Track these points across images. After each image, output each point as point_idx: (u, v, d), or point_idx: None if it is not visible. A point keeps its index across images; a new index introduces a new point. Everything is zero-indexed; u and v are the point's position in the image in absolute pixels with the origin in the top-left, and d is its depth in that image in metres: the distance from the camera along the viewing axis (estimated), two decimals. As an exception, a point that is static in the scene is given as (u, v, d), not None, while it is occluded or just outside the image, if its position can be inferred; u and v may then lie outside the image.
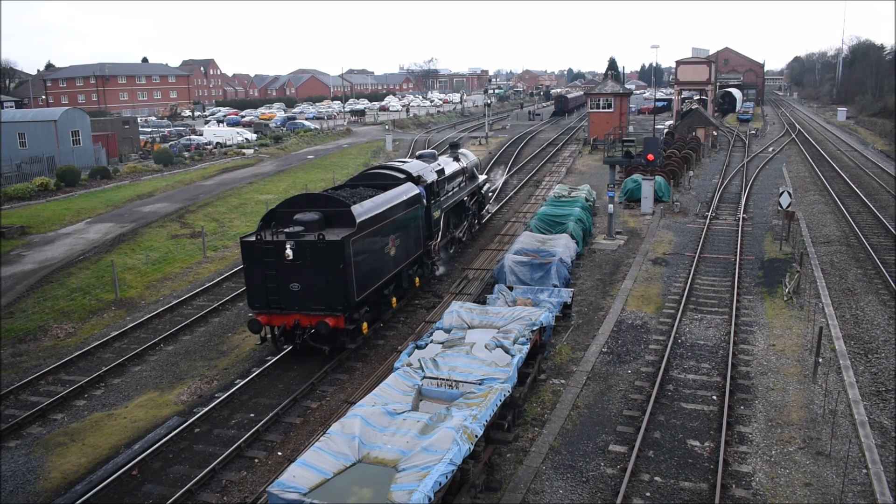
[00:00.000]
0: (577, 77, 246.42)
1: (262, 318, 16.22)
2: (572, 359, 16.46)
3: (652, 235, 27.77)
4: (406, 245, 19.30)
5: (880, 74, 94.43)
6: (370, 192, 18.74)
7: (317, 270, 15.50)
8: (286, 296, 15.87)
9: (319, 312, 15.76)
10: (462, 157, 27.13)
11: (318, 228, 16.11)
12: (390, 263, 18.18)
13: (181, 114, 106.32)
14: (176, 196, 37.98)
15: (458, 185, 25.77)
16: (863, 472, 11.72)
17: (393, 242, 18.20)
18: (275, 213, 17.11)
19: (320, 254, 15.39)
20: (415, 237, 20.04)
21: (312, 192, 18.81)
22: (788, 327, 18.11)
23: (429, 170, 22.34)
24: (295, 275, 15.66)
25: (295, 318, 15.99)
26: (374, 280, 17.11)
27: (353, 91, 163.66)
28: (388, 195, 18.67)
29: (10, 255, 26.52)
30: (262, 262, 15.77)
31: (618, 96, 57.21)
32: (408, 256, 19.49)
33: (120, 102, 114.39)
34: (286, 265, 15.57)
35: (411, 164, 22.13)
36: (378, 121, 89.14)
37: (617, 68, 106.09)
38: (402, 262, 19.01)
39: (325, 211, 16.68)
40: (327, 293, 15.61)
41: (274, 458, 12.83)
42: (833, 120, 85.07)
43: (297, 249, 15.42)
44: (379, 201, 17.89)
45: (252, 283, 16.16)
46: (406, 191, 19.66)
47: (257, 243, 15.77)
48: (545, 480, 11.77)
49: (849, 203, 33.25)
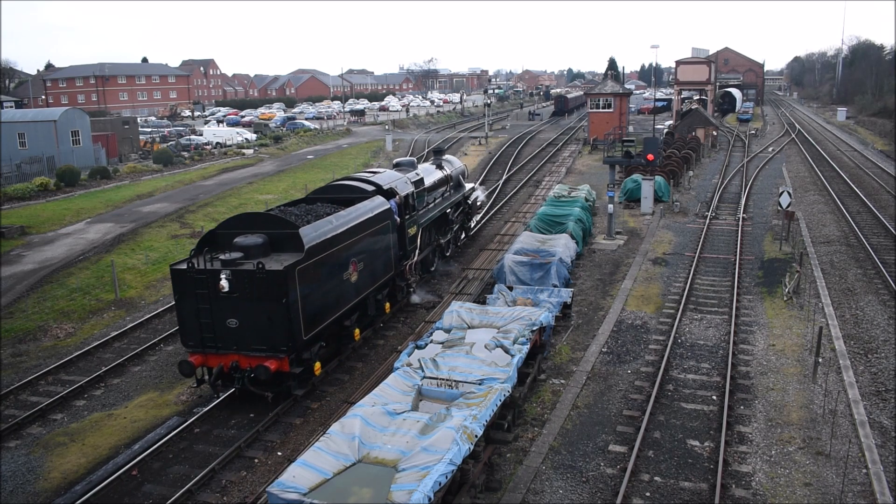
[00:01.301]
0: (576, 77, 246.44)
1: (197, 358, 14.01)
2: (572, 359, 16.47)
3: (652, 235, 27.77)
4: (372, 268, 17.16)
5: (880, 74, 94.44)
6: (328, 210, 16.62)
7: (256, 305, 13.34)
8: (223, 333, 13.71)
9: (261, 353, 13.65)
10: (446, 165, 24.94)
11: (261, 254, 13.93)
12: (351, 291, 15.99)
13: (181, 114, 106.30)
14: (176, 196, 37.97)
15: (442, 196, 23.77)
16: (863, 472, 11.72)
17: (354, 267, 16.08)
18: (214, 235, 14.84)
19: (260, 286, 13.20)
20: (384, 258, 17.93)
21: (257, 212, 16.13)
22: (788, 327, 18.12)
23: (403, 181, 20.12)
24: (232, 309, 13.49)
25: (233, 359, 13.78)
26: (329, 313, 14.97)
27: (352, 91, 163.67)
28: (351, 212, 16.44)
29: (9, 255, 26.51)
30: (194, 295, 13.65)
31: (617, 96, 57.21)
32: (374, 281, 17.34)
33: (120, 102, 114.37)
34: (222, 298, 13.41)
35: (382, 176, 19.95)
36: (378, 121, 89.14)
37: (617, 68, 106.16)
38: (366, 288, 16.86)
39: (271, 234, 14.40)
40: (269, 331, 13.46)
41: (274, 458, 12.84)
42: (833, 120, 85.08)
43: (234, 280, 13.25)
44: (337, 220, 15.63)
45: (184, 318, 13.99)
46: (373, 206, 17.53)
47: (189, 272, 13.63)
48: (545, 480, 11.77)
49: (849, 203, 33.25)
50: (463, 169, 26.75)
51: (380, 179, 19.38)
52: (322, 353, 15.19)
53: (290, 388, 14.26)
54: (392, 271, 18.58)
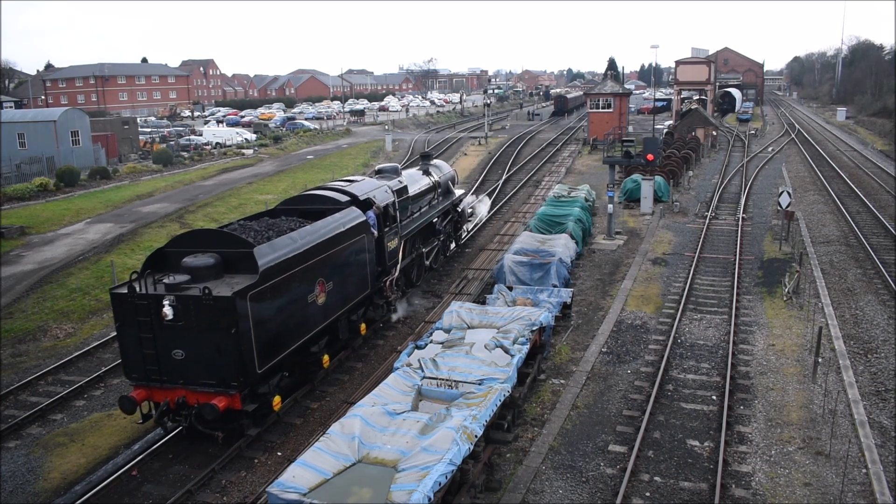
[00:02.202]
0: (576, 77, 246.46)
1: (141, 392, 12.60)
2: (572, 359, 16.47)
3: (651, 235, 27.78)
4: (344, 287, 15.59)
5: (880, 74, 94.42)
6: (292, 224, 15.08)
7: (203, 335, 11.94)
8: (168, 366, 12.33)
9: (209, 389, 12.24)
10: (433, 171, 23.63)
11: (212, 277, 12.51)
12: (318, 314, 14.48)
13: (181, 114, 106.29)
14: (175, 196, 37.97)
15: (428, 204, 22.41)
16: (862, 472, 11.72)
17: (322, 287, 14.50)
18: (163, 254, 13.37)
19: (207, 314, 11.79)
20: (359, 275, 16.43)
21: (209, 229, 14.63)
22: (788, 327, 18.13)
23: (383, 189, 18.67)
24: (177, 339, 12.12)
25: (180, 395, 12.39)
26: (290, 340, 13.49)
27: (352, 91, 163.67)
28: (318, 227, 14.90)
29: (9, 256, 26.51)
30: (136, 322, 12.24)
31: (617, 96, 57.22)
32: (346, 301, 15.80)
33: (119, 103, 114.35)
34: (166, 327, 12.03)
35: (359, 184, 18.35)
36: (377, 121, 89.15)
37: (616, 68, 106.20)
38: (336, 309, 15.32)
39: (225, 253, 12.91)
40: (218, 364, 12.03)
41: (274, 458, 12.84)
42: (832, 120, 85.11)
43: (179, 307, 11.89)
44: (301, 236, 14.12)
45: (126, 348, 12.60)
46: (346, 219, 16.00)
47: (130, 297, 12.19)
48: (545, 480, 11.77)
49: (848, 203, 33.27)
50: (452, 175, 25.49)
51: (355, 189, 17.84)
52: (285, 383, 13.86)
53: (244, 428, 12.85)
54: (368, 289, 17.00)
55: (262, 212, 17.27)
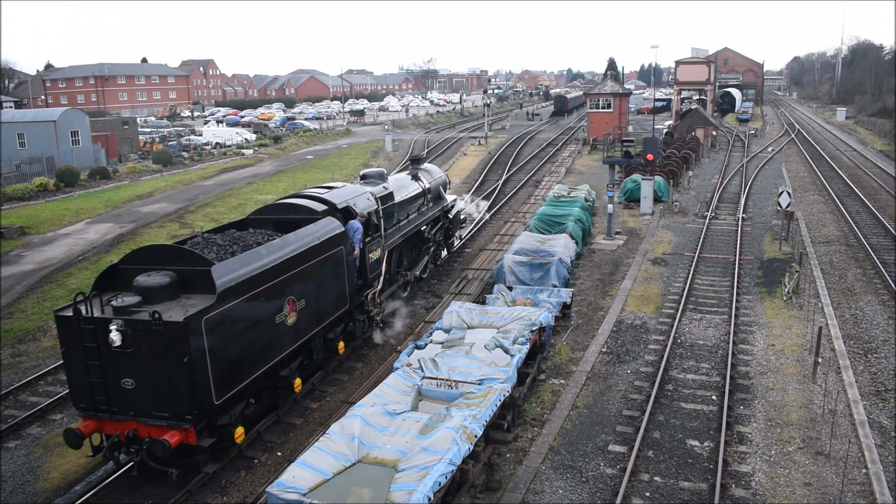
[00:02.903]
0: (576, 77, 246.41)
1: (90, 424, 11.51)
2: (572, 359, 16.47)
3: (651, 235, 27.78)
4: (319, 305, 14.48)
5: (879, 74, 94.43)
6: (260, 238, 13.91)
7: (155, 363, 10.89)
8: (118, 396, 11.25)
9: (161, 422, 11.14)
10: (423, 176, 22.52)
11: (167, 298, 11.46)
12: (287, 336, 13.33)
13: (180, 114, 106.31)
14: (175, 196, 37.98)
15: (417, 211, 21.33)
16: (862, 472, 11.73)
17: (292, 306, 13.37)
18: (116, 270, 12.26)
19: (157, 340, 10.76)
20: (336, 290, 15.27)
21: (166, 244, 13.44)
22: (788, 327, 18.13)
23: (365, 197, 17.52)
24: (127, 367, 11.05)
25: (131, 427, 11.28)
26: (255, 366, 12.37)
27: (352, 91, 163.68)
28: (289, 240, 13.74)
29: (9, 256, 26.51)
30: (82, 348, 11.19)
31: (617, 96, 57.23)
32: (322, 320, 14.67)
33: (119, 103, 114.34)
34: (115, 354, 10.97)
35: (339, 192, 17.12)
36: (377, 121, 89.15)
37: (616, 68, 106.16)
38: (310, 329, 14.20)
39: (182, 271, 11.83)
40: (171, 395, 10.99)
41: (274, 458, 12.84)
42: (832, 120, 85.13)
43: (128, 332, 10.82)
44: (269, 251, 12.96)
45: (73, 375, 11.57)
46: (322, 230, 14.80)
47: (75, 320, 11.11)
48: (545, 480, 11.78)
49: (848, 203, 33.27)
50: (444, 180, 24.53)
51: (334, 196, 16.69)
52: (251, 411, 12.89)
53: (201, 464, 11.73)
54: (347, 305, 15.88)
55: (233, 222, 16.04)
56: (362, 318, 17.01)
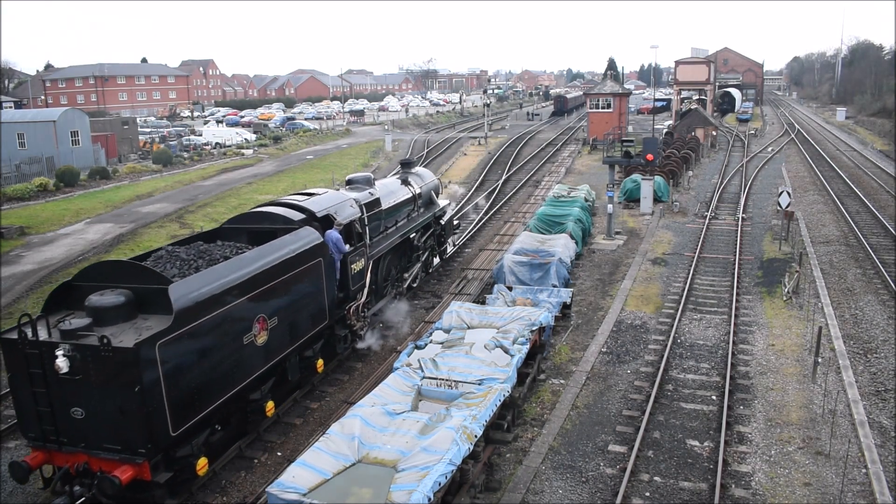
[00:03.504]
0: (576, 77, 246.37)
1: (38, 456, 10.56)
2: (572, 359, 16.47)
3: (651, 235, 27.79)
4: (294, 322, 13.47)
5: (879, 74, 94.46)
6: (227, 251, 12.81)
7: (105, 392, 9.91)
8: (67, 426, 10.26)
9: (113, 455, 10.13)
10: (414, 180, 21.65)
11: (120, 319, 10.49)
12: (257, 357, 12.30)
13: (180, 114, 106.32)
14: (175, 196, 37.99)
15: (407, 217, 20.45)
16: (862, 472, 11.73)
17: (263, 325, 12.35)
18: (70, 288, 11.33)
19: (107, 367, 9.78)
20: (314, 306, 14.25)
21: (121, 260, 12.27)
22: (788, 327, 18.13)
23: (348, 204, 16.55)
24: (76, 396, 10.06)
25: (82, 460, 10.30)
26: (219, 391, 11.37)
27: (352, 91, 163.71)
28: (262, 252, 12.75)
29: (9, 256, 26.51)
30: (29, 374, 10.20)
31: (617, 96, 57.23)
32: (297, 337, 13.66)
33: (119, 103, 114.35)
34: (63, 381, 9.99)
35: (319, 199, 16.16)
36: (377, 121, 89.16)
37: (616, 68, 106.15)
38: (283, 348, 13.16)
39: (138, 289, 10.83)
40: (122, 427, 10.00)
41: (273, 458, 12.84)
42: (832, 120, 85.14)
43: (76, 358, 9.83)
44: (236, 266, 11.94)
45: (20, 403, 10.60)
46: (298, 242, 13.75)
47: (20, 344, 10.16)
48: (545, 480, 11.78)
49: (848, 203, 33.28)
50: (436, 184, 23.52)
51: (314, 204, 15.72)
52: (217, 438, 11.90)
53: (157, 500, 10.65)
54: (327, 320, 14.83)
55: (203, 232, 15.05)
56: (344, 332, 16.00)
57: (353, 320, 16.18)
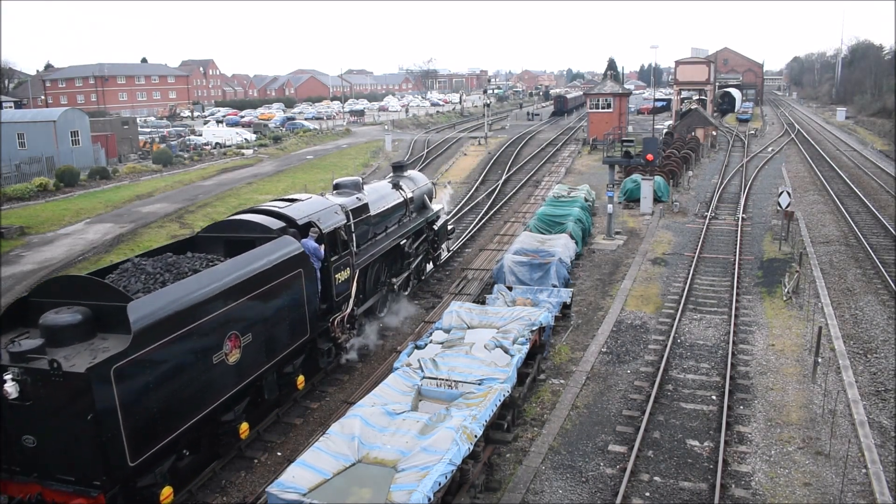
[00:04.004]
0: (576, 77, 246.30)
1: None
2: (572, 359, 16.47)
3: (651, 235, 27.79)
4: (270, 338, 12.64)
5: (879, 74, 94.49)
6: (198, 263, 12.01)
7: (57, 420, 9.18)
8: (19, 454, 9.57)
9: (68, 486, 9.42)
10: (405, 184, 20.93)
11: (77, 339, 9.73)
12: (229, 377, 11.46)
13: (180, 114, 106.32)
14: (175, 196, 37.99)
15: (398, 223, 19.76)
16: (862, 472, 11.73)
17: (235, 343, 11.53)
18: (27, 304, 10.54)
19: (58, 393, 9.06)
20: (294, 319, 13.41)
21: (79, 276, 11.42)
22: (788, 327, 18.13)
23: (332, 210, 15.63)
24: (27, 423, 9.36)
25: (35, 491, 9.62)
26: (185, 415, 10.53)
27: (352, 91, 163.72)
28: (236, 264, 11.93)
29: (9, 256, 26.51)
30: None
31: (617, 96, 57.22)
32: (274, 354, 12.84)
33: (119, 103, 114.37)
34: (13, 406, 9.26)
35: (300, 206, 15.18)
36: (377, 121, 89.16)
37: (616, 68, 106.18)
38: (258, 366, 12.31)
39: (97, 307, 10.08)
40: (76, 457, 9.30)
41: (273, 458, 12.84)
42: (832, 120, 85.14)
43: (26, 382, 9.12)
44: (206, 280, 11.15)
45: None
46: (276, 252, 12.87)
47: None
48: (545, 480, 11.78)
49: (848, 203, 33.28)
50: (429, 188, 22.68)
51: (295, 211, 14.79)
52: (184, 464, 11.08)
53: None
54: (308, 334, 13.99)
55: (177, 241, 14.35)
56: (327, 346, 15.17)
57: (338, 333, 15.36)
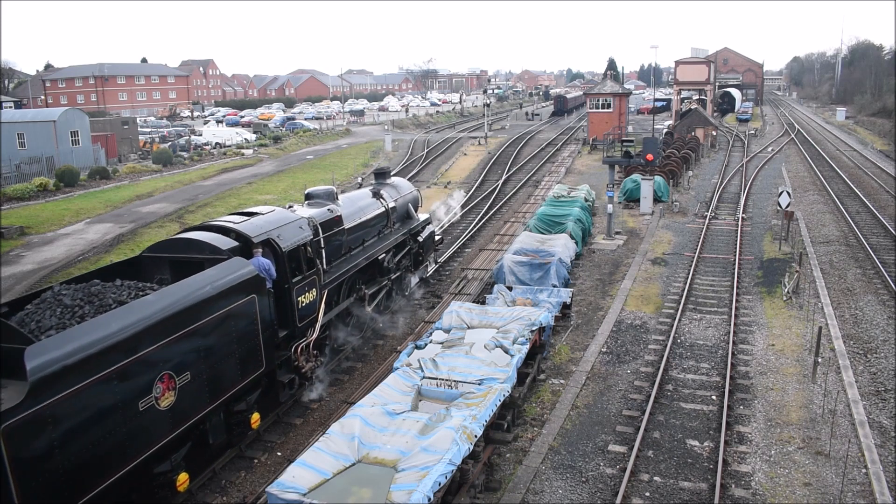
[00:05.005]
0: (576, 77, 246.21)
1: None
2: (572, 359, 16.47)
3: (651, 235, 27.79)
4: (216, 374, 11.04)
5: (879, 74, 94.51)
6: (124, 293, 10.56)
7: None
8: None
9: None
10: (387, 193, 19.53)
11: None
12: (162, 423, 9.89)
13: (180, 114, 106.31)
14: (175, 196, 37.98)
15: (377, 235, 18.38)
16: (862, 472, 11.73)
17: (168, 385, 9.93)
18: None
19: None
20: (246, 350, 11.81)
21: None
22: (788, 327, 18.13)
23: (296, 226, 14.05)
24: None
25: None
26: (103, 473, 9.02)
27: (352, 91, 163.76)
28: (172, 292, 10.41)
29: (9, 256, 26.50)
30: None
31: (617, 96, 57.24)
32: (220, 392, 11.21)
33: (119, 103, 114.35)
34: None
35: (257, 221, 13.58)
36: (377, 121, 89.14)
37: (616, 68, 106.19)
38: (200, 408, 10.75)
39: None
40: None
41: (273, 458, 12.84)
42: (832, 120, 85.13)
43: None
44: (131, 314, 9.55)
45: None
46: (224, 276, 11.34)
47: None
48: (545, 480, 11.78)
49: (848, 203, 33.28)
50: (414, 196, 21.28)
51: (251, 227, 13.21)
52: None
53: None
54: (262, 367, 12.40)
55: (120, 262, 12.62)
56: (290, 377, 13.70)
57: (302, 361, 13.90)
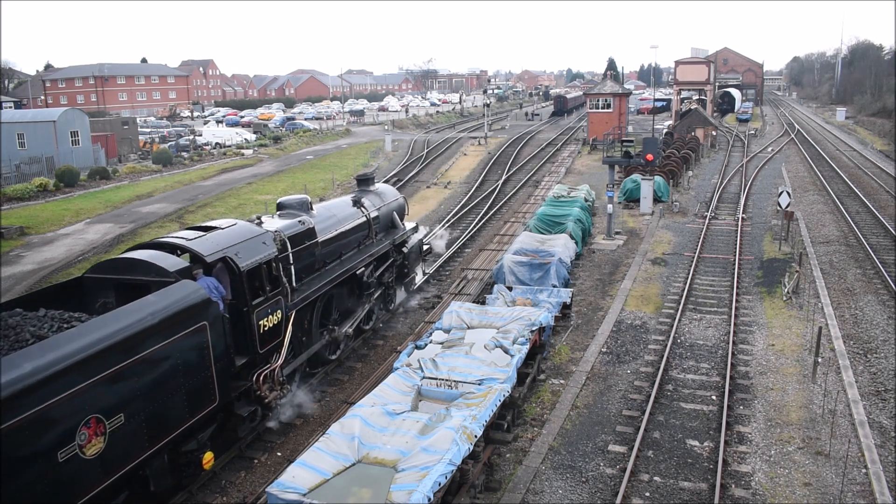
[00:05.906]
0: (576, 77, 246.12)
1: None
2: (572, 359, 16.47)
3: (651, 235, 27.79)
4: (157, 412, 9.80)
5: (879, 74, 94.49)
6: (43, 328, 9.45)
7: None
8: None
9: None
10: (369, 201, 18.25)
11: None
12: (89, 472, 8.73)
13: (180, 114, 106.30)
14: (175, 196, 37.98)
15: (357, 247, 17.07)
16: (862, 472, 11.73)
17: (96, 429, 8.80)
18: None
19: None
20: (195, 384, 10.56)
21: None
22: (788, 327, 18.13)
23: (257, 241, 12.69)
24: None
25: None
26: None
27: (352, 91, 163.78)
28: (103, 323, 9.28)
29: (9, 256, 26.50)
30: None
31: (617, 96, 57.24)
32: (163, 433, 9.99)
33: (119, 103, 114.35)
34: None
35: (213, 237, 12.26)
36: (377, 121, 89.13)
37: (616, 68, 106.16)
38: (137, 452, 9.51)
39: None
40: None
41: (273, 458, 12.84)
42: (832, 120, 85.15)
43: None
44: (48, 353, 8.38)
45: None
46: (168, 302, 10.12)
47: None
48: (545, 480, 11.78)
49: (848, 203, 33.28)
50: (399, 204, 20.06)
51: (203, 245, 11.86)
52: None
53: None
54: (216, 401, 11.08)
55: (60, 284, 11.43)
56: (249, 410, 12.28)
57: (264, 391, 12.55)
